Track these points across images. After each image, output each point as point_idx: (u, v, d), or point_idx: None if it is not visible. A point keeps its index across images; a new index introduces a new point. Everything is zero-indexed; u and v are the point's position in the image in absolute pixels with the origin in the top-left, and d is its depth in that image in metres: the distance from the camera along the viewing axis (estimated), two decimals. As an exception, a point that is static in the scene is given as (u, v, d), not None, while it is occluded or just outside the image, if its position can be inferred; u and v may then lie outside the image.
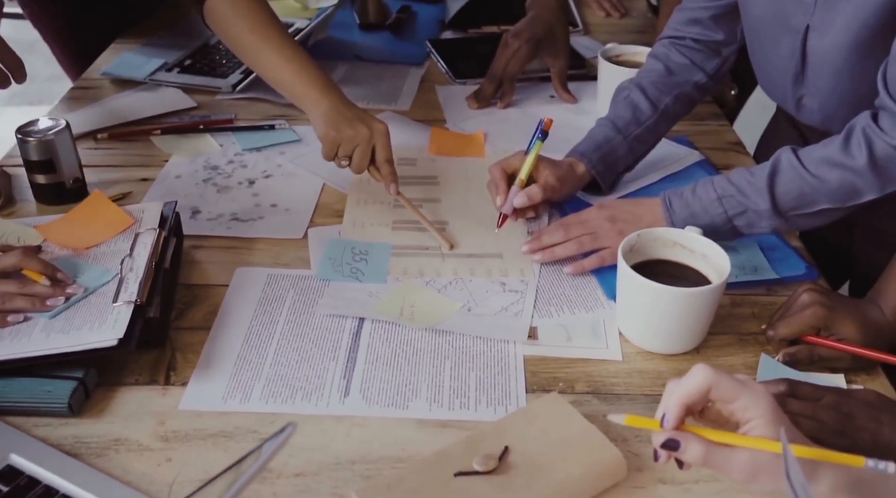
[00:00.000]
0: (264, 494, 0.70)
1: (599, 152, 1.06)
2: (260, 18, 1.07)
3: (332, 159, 1.04)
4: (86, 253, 0.90)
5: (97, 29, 1.56)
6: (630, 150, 1.08)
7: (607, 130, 1.07)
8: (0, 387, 0.76)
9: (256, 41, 1.06)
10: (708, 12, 1.08)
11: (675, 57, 1.11)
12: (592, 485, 0.69)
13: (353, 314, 0.88)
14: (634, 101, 1.08)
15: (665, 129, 1.12)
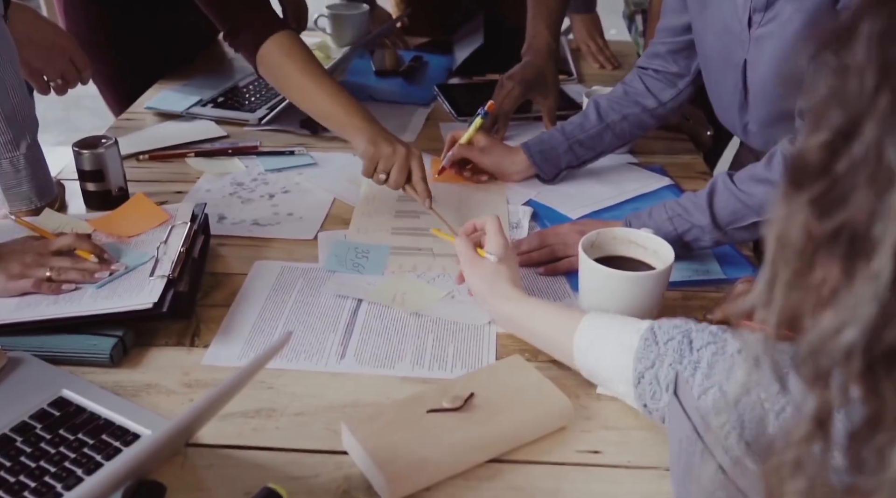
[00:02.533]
0: (269, 427, 0.83)
1: (540, 146, 1.30)
2: (308, 62, 1.25)
3: (372, 175, 1.19)
4: (128, 240, 1.06)
5: (142, 73, 1.75)
6: (570, 149, 1.28)
7: (554, 131, 1.31)
8: (55, 340, 0.91)
9: (307, 81, 1.23)
10: (665, 47, 1.26)
11: (636, 83, 1.28)
12: (543, 424, 0.82)
13: (353, 295, 1.03)
14: (587, 113, 1.28)
15: (612, 141, 1.30)
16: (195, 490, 0.76)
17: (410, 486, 0.75)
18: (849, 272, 0.32)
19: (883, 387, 0.32)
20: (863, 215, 0.31)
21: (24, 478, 0.74)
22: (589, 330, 0.84)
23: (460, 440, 0.78)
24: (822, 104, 0.33)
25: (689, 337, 0.76)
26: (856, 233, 0.32)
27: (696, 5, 1.16)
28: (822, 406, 0.35)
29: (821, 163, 0.33)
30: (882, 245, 0.31)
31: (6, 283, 0.96)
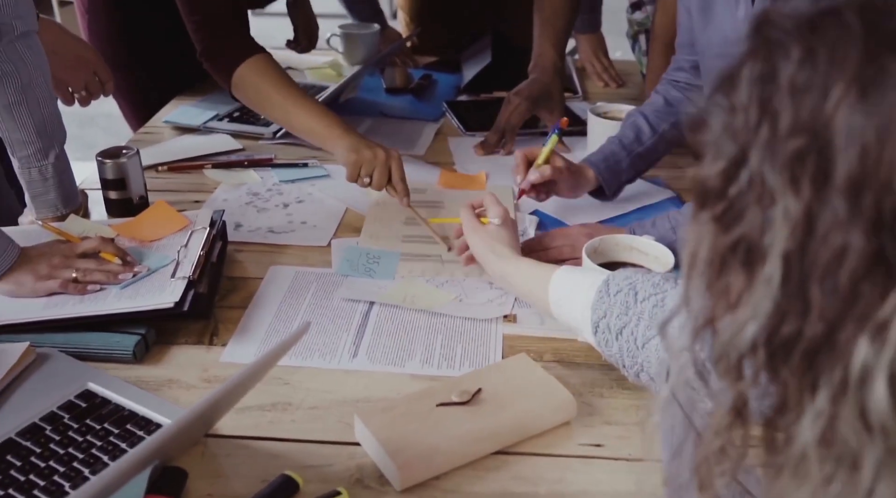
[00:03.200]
0: (285, 419, 0.87)
1: (606, 163, 1.29)
2: (284, 82, 1.31)
3: (356, 179, 1.24)
4: (150, 244, 1.10)
5: (161, 89, 1.81)
6: (632, 164, 1.29)
7: (614, 146, 1.30)
8: (80, 338, 0.95)
9: (284, 100, 1.30)
10: (688, 62, 1.30)
11: (673, 92, 1.32)
12: (547, 419, 0.86)
13: (365, 298, 1.07)
14: (638, 125, 1.29)
15: (663, 150, 1.32)
16: (215, 476, 0.79)
17: (420, 474, 0.79)
18: (748, 277, 0.37)
19: (784, 374, 0.37)
20: (755, 229, 0.37)
21: (53, 463, 0.78)
22: (560, 284, 0.91)
23: (468, 432, 0.82)
24: (717, 138, 0.39)
25: (635, 289, 0.81)
26: (751, 244, 0.37)
27: (700, 21, 1.20)
28: (737, 396, 0.40)
29: (719, 187, 0.39)
30: (771, 253, 0.36)
31: (35, 283, 1.00)
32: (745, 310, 0.37)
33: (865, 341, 0.33)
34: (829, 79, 0.34)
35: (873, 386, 0.33)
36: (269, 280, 1.12)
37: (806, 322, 0.36)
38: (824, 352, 0.35)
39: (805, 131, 0.35)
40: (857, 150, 0.33)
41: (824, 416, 0.35)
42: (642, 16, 1.77)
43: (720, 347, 0.40)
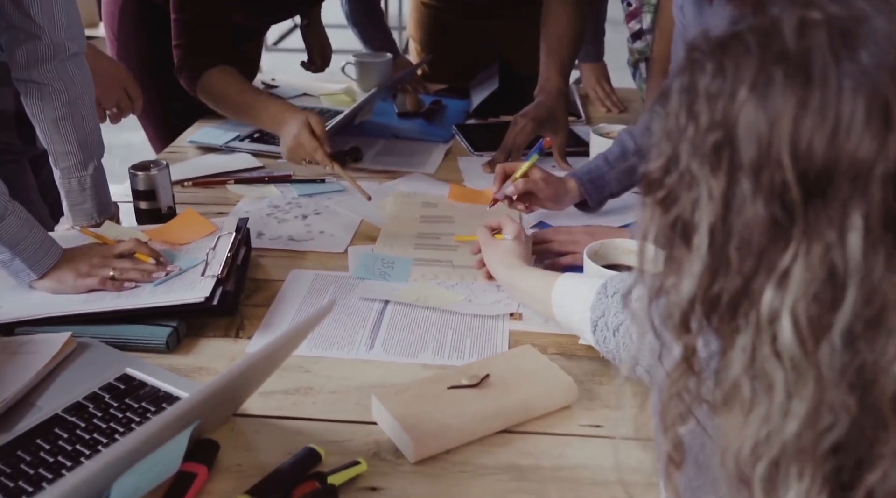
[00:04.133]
0: (307, 402, 0.94)
1: (590, 176, 1.37)
2: (245, 85, 1.55)
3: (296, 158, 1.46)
4: (180, 248, 1.18)
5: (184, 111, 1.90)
6: (616, 179, 1.37)
7: (599, 161, 1.39)
8: (117, 329, 1.03)
9: (249, 99, 1.53)
10: None
11: None
12: (550, 401, 0.93)
13: (380, 297, 1.14)
14: (625, 143, 1.38)
15: None
16: (245, 449, 0.86)
17: (433, 448, 0.85)
18: (685, 248, 0.46)
19: (715, 322, 0.46)
20: (687, 209, 0.46)
21: (97, 435, 0.85)
22: (562, 288, 0.99)
23: (477, 411, 0.89)
24: (658, 140, 0.48)
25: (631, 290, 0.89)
26: (685, 221, 0.46)
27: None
28: (686, 348, 0.49)
29: (660, 178, 0.48)
30: (700, 227, 0.45)
31: (75, 280, 1.08)
32: (684, 274, 0.46)
33: (771, 288, 0.42)
34: (734, 86, 0.43)
35: (781, 323, 0.42)
36: (290, 282, 1.20)
37: (728, 278, 0.44)
38: (744, 301, 0.44)
39: (719, 128, 0.44)
40: (755, 139, 0.42)
41: (747, 351, 0.43)
42: (642, 44, 1.86)
43: (668, 307, 0.48)
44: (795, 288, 0.41)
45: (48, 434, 0.85)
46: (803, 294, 0.41)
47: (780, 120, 0.41)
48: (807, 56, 0.41)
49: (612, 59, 2.19)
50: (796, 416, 0.41)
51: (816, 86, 0.40)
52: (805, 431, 0.41)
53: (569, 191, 1.38)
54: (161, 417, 0.67)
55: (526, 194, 1.36)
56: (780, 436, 0.42)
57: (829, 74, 0.40)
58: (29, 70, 1.17)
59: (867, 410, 0.40)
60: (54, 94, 1.18)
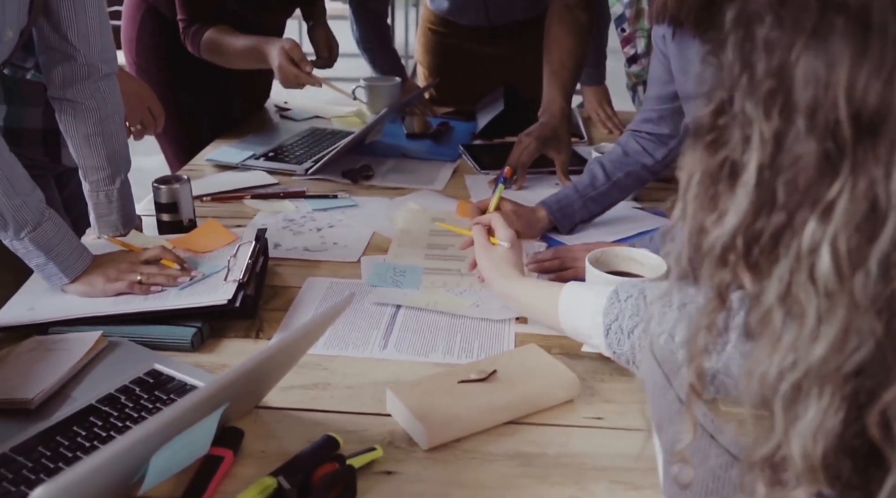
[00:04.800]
0: (325, 396, 1.00)
1: (559, 204, 1.45)
2: (237, 35, 1.79)
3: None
4: (203, 255, 1.25)
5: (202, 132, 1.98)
6: (584, 206, 1.45)
7: (569, 190, 1.47)
8: (145, 329, 1.09)
9: (240, 46, 1.78)
10: (656, 113, 1.46)
11: (632, 144, 1.48)
12: (553, 394, 0.98)
13: (393, 302, 1.20)
14: (594, 172, 1.46)
15: (617, 196, 1.48)
16: (267, 437, 0.92)
17: (444, 436, 0.91)
18: (731, 186, 0.51)
19: (755, 254, 0.50)
20: (736, 150, 0.50)
21: (129, 424, 0.91)
22: (569, 297, 1.01)
23: (485, 403, 0.94)
24: (710, 88, 0.53)
25: (644, 293, 0.93)
26: (734, 162, 0.50)
27: (680, 72, 1.36)
28: (720, 283, 0.53)
29: (710, 122, 0.52)
30: (749, 166, 0.49)
31: (105, 284, 1.14)
32: (728, 211, 0.50)
33: (815, 221, 0.46)
34: (794, 37, 0.47)
35: (820, 254, 0.45)
36: (306, 289, 1.26)
37: (773, 213, 0.48)
38: (786, 233, 0.47)
39: (775, 75, 0.48)
40: (812, 85, 0.46)
41: (784, 281, 0.47)
42: (638, 68, 1.93)
43: (710, 243, 0.52)
44: (838, 220, 0.44)
45: (84, 422, 0.91)
46: (844, 225, 0.44)
47: (838, 67, 0.44)
48: (866, 7, 0.45)
49: (613, 84, 2.27)
50: (824, 340, 0.45)
51: (875, 35, 0.44)
52: (831, 355, 0.45)
53: (539, 219, 1.46)
54: (194, 395, 0.72)
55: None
56: (806, 360, 0.45)
57: (888, 25, 0.44)
58: (64, 89, 1.24)
59: (892, 335, 0.44)
60: (87, 111, 1.26)
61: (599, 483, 0.87)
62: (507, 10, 2.10)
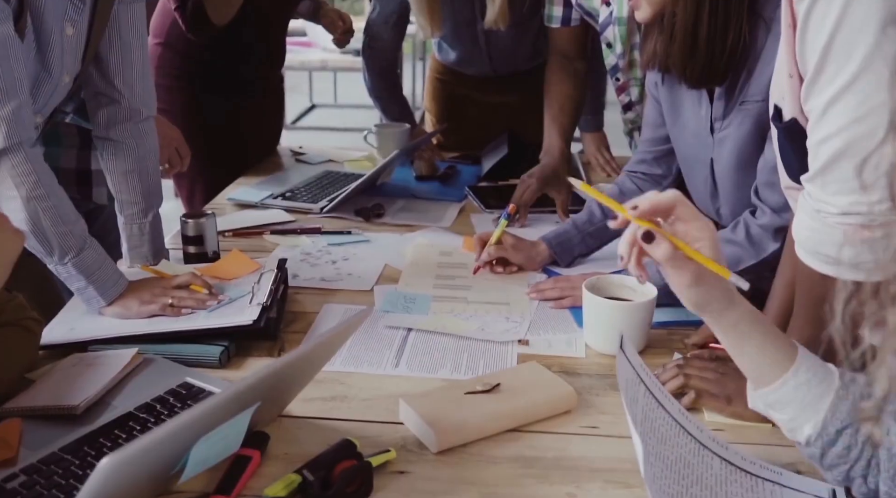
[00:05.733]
0: (342, 407, 1.09)
1: (558, 239, 1.55)
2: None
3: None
4: (229, 282, 1.35)
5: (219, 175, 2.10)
6: (582, 241, 1.54)
7: (568, 226, 1.57)
8: (177, 347, 1.18)
9: None
10: (650, 155, 1.57)
11: (628, 183, 1.58)
12: (553, 405, 1.07)
13: (404, 325, 1.30)
14: (592, 209, 1.56)
15: (614, 232, 1.56)
16: (291, 441, 1.01)
17: (452, 440, 1.00)
18: None
19: None
20: None
21: (165, 428, 1.00)
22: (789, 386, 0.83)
23: (490, 412, 1.03)
24: None
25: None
26: None
27: (671, 117, 1.48)
28: None
29: None
30: None
31: (139, 307, 1.24)
32: None
33: None
34: None
35: None
36: (323, 314, 1.36)
37: None
38: None
39: None
40: None
41: None
42: (633, 115, 2.04)
43: None
44: None
45: (124, 427, 1.00)
46: None
47: None
48: None
49: (612, 132, 2.39)
50: None
51: None
52: None
53: (540, 252, 1.55)
54: (229, 389, 0.82)
55: (502, 259, 1.53)
56: None
57: None
58: (108, 129, 1.37)
59: None
60: (127, 150, 1.38)
61: (594, 482, 0.95)
62: (510, 60, 2.22)
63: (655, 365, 1.17)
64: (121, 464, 0.66)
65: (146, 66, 1.39)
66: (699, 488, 0.87)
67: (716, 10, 1.22)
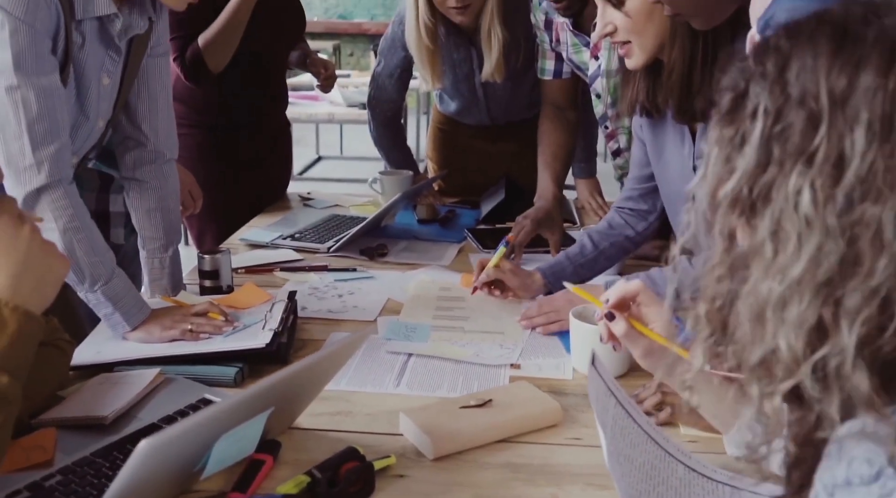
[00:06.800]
0: (347, 421, 1.19)
1: (552, 269, 1.66)
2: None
3: None
4: (244, 311, 1.46)
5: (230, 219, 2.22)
6: (575, 271, 1.65)
7: (561, 258, 1.68)
8: (195, 368, 1.28)
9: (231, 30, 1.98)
10: (636, 192, 1.69)
11: (617, 219, 1.70)
12: (540, 419, 1.17)
13: (405, 351, 1.40)
14: (583, 242, 1.67)
15: (604, 264, 1.69)
16: (300, 449, 1.10)
17: (447, 448, 1.09)
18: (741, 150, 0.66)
19: (757, 205, 0.65)
20: (746, 122, 0.66)
21: (186, 436, 1.10)
22: None
23: (482, 423, 1.13)
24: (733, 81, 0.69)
25: None
26: (744, 132, 0.67)
27: (655, 157, 1.60)
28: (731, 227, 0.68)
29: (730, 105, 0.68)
30: (754, 133, 0.65)
31: (161, 332, 1.35)
32: (737, 167, 0.65)
33: (799, 168, 0.61)
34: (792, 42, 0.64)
35: (802, 193, 0.60)
36: (330, 342, 1.46)
37: (769, 166, 0.64)
38: (778, 180, 0.63)
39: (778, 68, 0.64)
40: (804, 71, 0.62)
41: (774, 217, 0.62)
42: (622, 161, 2.17)
43: (725, 192, 0.67)
44: (816, 166, 0.60)
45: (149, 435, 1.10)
46: (820, 170, 0.60)
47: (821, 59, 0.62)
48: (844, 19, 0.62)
49: (605, 179, 2.51)
50: (804, 257, 0.60)
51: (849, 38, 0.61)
52: (808, 269, 0.60)
53: (535, 282, 1.66)
54: (249, 390, 0.92)
55: (499, 283, 1.65)
56: (790, 275, 0.60)
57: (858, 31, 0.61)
58: (134, 170, 1.49)
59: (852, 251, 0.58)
60: (151, 190, 1.50)
61: (576, 485, 1.05)
62: (507, 111, 2.36)
63: (637, 386, 1.27)
64: (158, 446, 0.77)
65: (170, 113, 1.53)
66: (665, 488, 0.96)
67: (707, 53, 1.35)
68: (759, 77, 0.66)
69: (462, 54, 2.20)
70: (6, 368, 0.87)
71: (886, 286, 0.57)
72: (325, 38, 7.51)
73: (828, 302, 0.59)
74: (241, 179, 2.27)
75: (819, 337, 0.60)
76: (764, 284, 0.62)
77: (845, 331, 0.58)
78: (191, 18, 1.91)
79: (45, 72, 1.25)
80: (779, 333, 0.61)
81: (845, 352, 0.58)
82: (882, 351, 0.58)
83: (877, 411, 0.57)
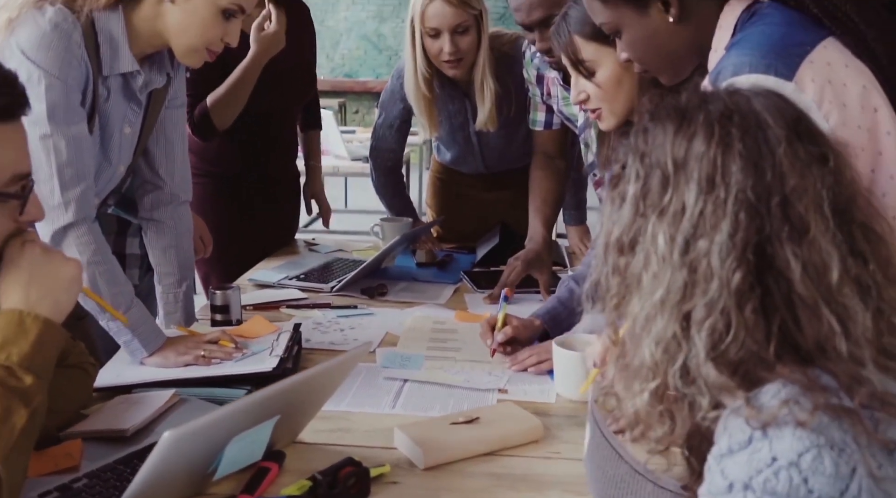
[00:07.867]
0: (347, 436, 1.29)
1: (549, 315, 1.74)
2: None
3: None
4: (252, 340, 1.58)
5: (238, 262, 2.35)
6: (569, 315, 1.74)
7: (555, 303, 1.75)
8: (208, 391, 1.40)
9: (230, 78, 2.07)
10: None
11: None
12: (523, 435, 1.28)
13: (400, 377, 1.51)
14: (571, 287, 1.76)
15: None
16: (303, 460, 1.21)
17: (438, 459, 1.20)
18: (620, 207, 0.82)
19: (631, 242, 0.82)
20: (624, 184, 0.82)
21: (199, 447, 1.20)
22: None
23: (470, 437, 1.24)
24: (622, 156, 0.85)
25: None
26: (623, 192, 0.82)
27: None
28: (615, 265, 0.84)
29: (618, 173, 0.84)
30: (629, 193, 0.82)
31: (176, 357, 1.47)
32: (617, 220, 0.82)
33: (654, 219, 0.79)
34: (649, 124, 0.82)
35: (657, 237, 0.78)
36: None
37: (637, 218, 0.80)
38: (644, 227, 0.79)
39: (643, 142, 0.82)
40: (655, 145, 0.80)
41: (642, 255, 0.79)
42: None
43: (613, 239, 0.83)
44: (667, 217, 0.77)
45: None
46: (671, 221, 0.77)
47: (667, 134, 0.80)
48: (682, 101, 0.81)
49: (595, 225, 2.65)
50: (662, 285, 0.77)
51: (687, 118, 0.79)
52: (665, 294, 0.76)
53: (536, 328, 1.74)
54: (259, 393, 1.03)
55: (511, 339, 1.69)
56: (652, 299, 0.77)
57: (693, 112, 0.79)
58: (152, 211, 1.63)
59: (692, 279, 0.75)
60: (167, 229, 1.64)
61: (553, 491, 1.15)
62: (501, 159, 2.50)
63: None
64: (180, 438, 0.88)
65: (185, 159, 1.67)
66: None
67: None
68: (632, 151, 0.84)
69: (457, 106, 2.35)
70: (30, 368, 0.98)
71: (722, 300, 0.75)
72: (330, 96, 7.76)
73: (680, 316, 0.77)
74: (248, 227, 2.40)
75: (677, 343, 0.77)
76: (637, 306, 0.80)
77: (695, 336, 0.75)
78: (202, 79, 2.08)
79: (75, 122, 1.39)
80: (645, 343, 0.78)
81: (699, 353, 0.75)
82: (729, 353, 0.75)
83: (734, 397, 0.73)
